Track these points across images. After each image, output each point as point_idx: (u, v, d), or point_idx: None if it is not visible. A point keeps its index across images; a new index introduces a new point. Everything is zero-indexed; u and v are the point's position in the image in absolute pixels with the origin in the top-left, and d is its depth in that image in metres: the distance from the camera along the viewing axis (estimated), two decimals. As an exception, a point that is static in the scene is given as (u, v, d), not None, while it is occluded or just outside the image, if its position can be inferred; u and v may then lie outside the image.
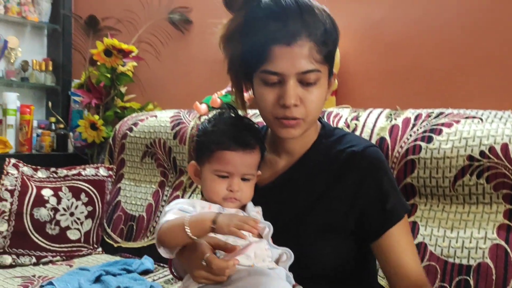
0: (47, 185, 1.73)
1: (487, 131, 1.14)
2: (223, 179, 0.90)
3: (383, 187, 0.92)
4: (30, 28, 2.78)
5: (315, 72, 0.88)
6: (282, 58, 0.87)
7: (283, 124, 0.91)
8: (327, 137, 0.99)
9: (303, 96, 0.89)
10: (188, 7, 2.30)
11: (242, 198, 0.91)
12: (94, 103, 2.27)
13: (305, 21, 0.87)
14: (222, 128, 0.92)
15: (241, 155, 0.89)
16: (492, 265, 1.04)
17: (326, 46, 0.88)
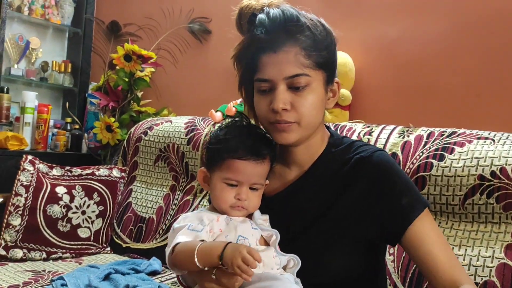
0: (61, 183, 1.77)
1: (498, 152, 1.16)
2: (232, 187, 0.90)
3: (395, 188, 0.92)
4: (52, 30, 2.85)
5: (303, 76, 0.90)
6: (270, 65, 0.91)
7: (277, 128, 0.93)
8: (336, 146, 1.00)
9: (293, 100, 0.91)
10: (208, 18, 2.35)
11: (249, 207, 0.92)
12: (111, 105, 2.32)
13: (289, 29, 0.91)
14: (235, 136, 0.92)
15: (252, 165, 0.90)
16: (499, 284, 1.05)
17: (315, 51, 0.91)
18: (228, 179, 0.90)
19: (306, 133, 0.94)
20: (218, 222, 0.89)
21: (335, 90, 0.98)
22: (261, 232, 0.92)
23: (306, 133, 0.94)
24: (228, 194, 0.90)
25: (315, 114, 0.93)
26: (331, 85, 0.97)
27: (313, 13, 0.96)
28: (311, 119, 0.93)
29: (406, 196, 0.91)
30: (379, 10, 1.80)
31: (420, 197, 0.94)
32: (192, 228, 0.87)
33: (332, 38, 0.96)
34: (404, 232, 0.89)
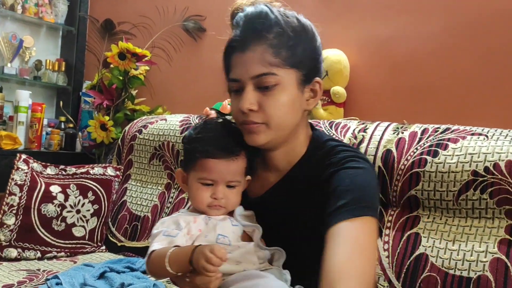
0: (56, 182, 1.76)
1: (492, 148, 1.16)
2: (208, 186, 0.90)
3: (343, 186, 0.86)
4: (46, 29, 2.84)
5: (269, 75, 0.87)
6: (238, 65, 0.90)
7: (246, 129, 0.91)
8: (318, 150, 0.96)
9: (261, 101, 0.88)
10: (202, 16, 2.35)
11: (227, 205, 0.91)
12: (105, 104, 2.31)
13: (256, 26, 0.88)
14: (206, 135, 0.92)
15: (224, 163, 0.89)
16: (492, 278, 1.05)
17: (285, 49, 0.87)
18: (203, 178, 0.90)
19: (278, 135, 0.91)
20: (195, 224, 0.89)
21: (316, 90, 0.94)
22: (243, 228, 0.93)
23: (278, 135, 0.91)
24: (204, 193, 0.90)
25: (286, 115, 0.90)
26: (308, 85, 0.93)
27: (308, 11, 0.95)
28: (281, 120, 0.90)
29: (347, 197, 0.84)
30: (374, 8, 1.81)
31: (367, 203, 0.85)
32: (167, 234, 0.87)
33: (310, 36, 0.92)
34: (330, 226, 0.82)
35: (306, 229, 0.92)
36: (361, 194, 0.86)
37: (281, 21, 0.89)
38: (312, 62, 0.92)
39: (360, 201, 0.85)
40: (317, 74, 0.94)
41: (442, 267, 1.12)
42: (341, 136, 1.40)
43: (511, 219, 1.11)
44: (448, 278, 1.10)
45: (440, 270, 1.12)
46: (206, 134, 0.92)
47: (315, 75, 0.93)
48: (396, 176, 1.26)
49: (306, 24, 0.93)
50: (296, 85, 0.90)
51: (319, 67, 0.95)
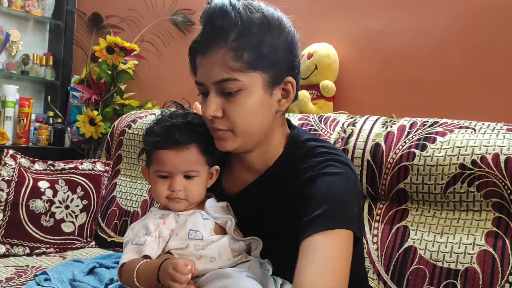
0: (44, 177, 1.75)
1: (479, 141, 1.17)
2: (165, 179, 0.89)
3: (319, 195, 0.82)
4: (33, 23, 2.80)
5: (231, 81, 0.82)
6: (201, 68, 0.86)
7: (214, 135, 0.89)
8: (295, 150, 0.93)
9: (225, 107, 0.84)
10: (191, 9, 2.33)
11: (188, 197, 0.89)
12: (94, 99, 2.29)
13: (215, 27, 0.83)
14: (158, 127, 0.90)
15: (174, 153, 0.87)
16: (480, 270, 1.07)
17: (248, 51, 0.82)
18: (158, 171, 0.89)
19: (246, 141, 0.88)
20: (165, 224, 0.87)
21: (288, 89, 0.89)
22: (215, 220, 0.91)
23: (246, 140, 0.88)
24: (161, 186, 0.89)
25: (252, 121, 0.86)
26: (278, 86, 0.87)
27: (297, 5, 0.90)
28: (246, 127, 0.86)
29: (322, 208, 0.80)
30: (364, 2, 1.81)
31: (342, 216, 0.81)
32: (135, 242, 0.86)
33: (278, 32, 0.85)
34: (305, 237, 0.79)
35: (280, 228, 0.90)
36: (336, 204, 0.82)
37: (243, 19, 0.82)
38: (281, 61, 0.86)
39: (335, 212, 0.81)
40: (289, 73, 0.88)
41: (430, 260, 1.13)
42: (330, 130, 1.41)
43: (498, 211, 1.12)
44: (436, 270, 1.11)
45: (428, 263, 1.13)
46: (158, 125, 0.91)
47: (286, 75, 0.88)
48: (385, 169, 1.26)
49: (274, 18, 0.85)
50: (262, 88, 0.85)
51: (292, 65, 0.89)
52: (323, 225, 0.79)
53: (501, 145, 1.14)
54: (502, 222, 1.10)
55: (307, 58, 1.80)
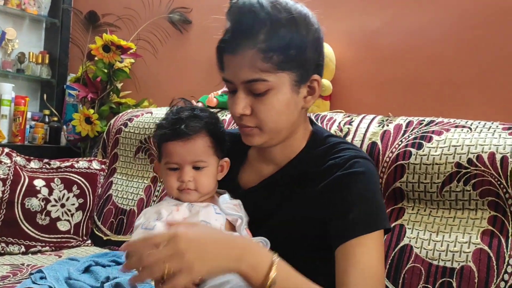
0: (40, 176, 1.74)
1: (475, 140, 1.17)
2: (174, 171, 0.91)
3: (347, 200, 0.85)
4: (29, 21, 2.80)
5: (260, 81, 0.84)
6: (229, 67, 0.87)
7: (241, 131, 0.91)
8: (317, 146, 0.95)
9: (253, 105, 0.86)
10: (188, 8, 2.33)
11: (198, 188, 0.91)
12: (90, 97, 2.29)
13: (244, 27, 0.84)
14: (165, 121, 0.94)
15: (180, 144, 0.89)
16: (475, 269, 1.07)
17: (276, 52, 0.83)
18: (167, 163, 0.91)
19: (272, 137, 0.90)
20: (178, 212, 0.89)
21: (314, 87, 0.91)
22: (226, 217, 0.91)
23: (272, 137, 0.90)
24: (171, 178, 0.91)
25: (279, 119, 0.88)
26: (305, 84, 0.89)
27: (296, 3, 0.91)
28: (274, 125, 0.88)
29: (355, 209, 0.84)
30: (361, 2, 1.81)
31: (374, 217, 0.85)
32: (145, 227, 0.86)
33: (305, 31, 0.87)
34: (340, 244, 0.83)
35: (295, 223, 0.91)
36: (368, 206, 0.86)
37: (272, 19, 0.83)
38: (308, 61, 0.88)
39: (369, 215, 0.85)
40: (315, 71, 0.90)
41: (426, 258, 1.14)
42: (327, 129, 1.41)
43: (493, 210, 1.12)
44: (432, 269, 1.11)
45: (424, 261, 1.13)
46: (166, 120, 0.94)
47: (312, 73, 0.90)
48: (381, 168, 1.26)
49: (301, 16, 0.87)
50: (289, 87, 0.87)
51: (318, 63, 0.91)
52: (359, 230, 0.83)
53: (497, 144, 1.14)
54: (498, 221, 1.11)
55: (303, 57, 1.80)
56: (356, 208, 0.84)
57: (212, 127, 0.93)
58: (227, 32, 0.88)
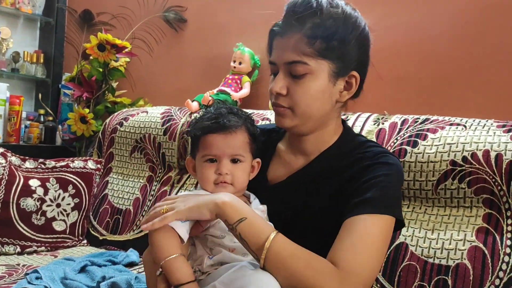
0: (35, 176, 1.73)
1: (470, 138, 1.18)
2: (212, 163, 0.91)
3: (371, 180, 0.88)
4: (23, 20, 2.78)
5: (300, 64, 0.89)
6: (276, 49, 0.94)
7: (275, 110, 0.95)
8: (347, 142, 0.98)
9: (290, 87, 0.91)
10: (183, 6, 2.32)
11: (234, 182, 0.91)
12: (85, 96, 2.28)
13: (295, 14, 0.90)
14: (206, 115, 0.95)
15: (223, 136, 0.91)
16: (470, 266, 1.07)
17: (320, 40, 0.88)
18: (205, 155, 0.91)
19: (304, 122, 0.93)
20: None
21: (352, 83, 0.94)
22: None
23: (302, 122, 0.93)
24: (209, 170, 0.91)
25: (312, 104, 0.91)
26: (343, 77, 0.93)
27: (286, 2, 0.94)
28: (306, 108, 0.91)
29: (373, 192, 0.86)
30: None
31: (390, 203, 0.87)
32: None
33: (352, 28, 0.91)
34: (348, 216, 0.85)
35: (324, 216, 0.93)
36: (388, 192, 0.88)
37: (323, 10, 0.89)
38: (349, 56, 0.92)
39: (386, 199, 0.87)
40: (356, 68, 0.94)
41: (421, 256, 1.14)
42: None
43: (488, 207, 1.13)
44: (428, 267, 1.12)
45: (420, 259, 1.14)
46: (206, 114, 0.96)
47: (352, 69, 0.93)
48: (376, 166, 1.26)
49: (350, 16, 0.92)
50: (327, 76, 0.91)
51: (360, 60, 0.95)
52: (371, 208, 0.85)
53: (491, 141, 1.14)
54: (493, 218, 1.11)
55: (299, 56, 1.80)
56: (375, 191, 0.87)
57: (250, 126, 0.95)
58: (280, 20, 0.95)
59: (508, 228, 1.09)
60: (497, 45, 1.50)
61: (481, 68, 1.52)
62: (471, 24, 1.55)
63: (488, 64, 1.52)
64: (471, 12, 1.55)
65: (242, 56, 1.97)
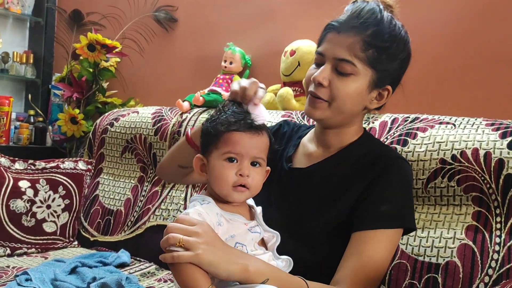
0: (25, 177, 1.72)
1: (459, 136, 1.19)
2: (232, 163, 0.85)
3: (385, 192, 0.93)
4: (12, 20, 2.76)
5: (349, 63, 0.94)
6: (329, 42, 0.98)
7: (309, 99, 0.98)
8: (367, 143, 1.03)
9: (332, 81, 0.95)
10: (174, 6, 2.31)
11: (252, 186, 0.85)
12: (75, 97, 2.26)
13: (360, 18, 0.95)
14: (229, 112, 0.89)
15: (250, 136, 0.86)
16: (460, 264, 1.08)
17: (373, 49, 0.94)
18: (228, 152, 0.85)
19: (334, 116, 0.98)
20: None
21: (383, 95, 1.01)
22: (263, 234, 0.89)
23: (334, 116, 0.98)
24: (229, 171, 0.84)
25: (348, 102, 0.96)
26: (378, 88, 0.99)
27: (279, 1, 0.96)
28: (342, 104, 0.96)
29: (389, 205, 0.92)
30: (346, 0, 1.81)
31: (402, 215, 0.94)
32: None
33: (401, 49, 0.98)
34: (358, 230, 0.92)
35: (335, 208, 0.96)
36: (403, 203, 0.95)
37: (384, 24, 0.96)
38: (391, 71, 0.99)
39: (400, 211, 0.94)
40: (391, 83, 1.00)
41: (412, 254, 1.15)
42: (313, 126, 1.41)
43: (478, 205, 1.13)
44: (418, 265, 1.12)
45: (410, 257, 1.14)
46: (228, 111, 0.89)
47: (388, 83, 1.00)
48: (367, 165, 1.27)
49: (404, 38, 1.00)
50: (367, 83, 0.96)
51: (397, 78, 1.01)
52: (383, 224, 0.91)
53: (480, 140, 1.15)
54: (482, 216, 1.12)
55: (289, 55, 1.80)
56: (390, 204, 0.93)
57: (269, 132, 0.91)
58: (341, 17, 0.99)
59: (497, 225, 1.09)
60: (486, 44, 1.51)
61: (470, 67, 1.53)
62: (460, 24, 1.56)
63: (477, 63, 1.53)
64: (461, 10, 1.56)
65: (233, 56, 1.97)
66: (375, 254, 0.89)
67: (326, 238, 0.96)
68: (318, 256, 0.96)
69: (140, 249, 1.61)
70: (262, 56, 2.01)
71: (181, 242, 0.75)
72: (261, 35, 2.02)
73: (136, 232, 1.66)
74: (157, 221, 1.64)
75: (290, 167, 1.06)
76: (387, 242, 0.91)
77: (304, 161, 1.06)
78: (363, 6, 0.98)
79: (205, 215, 0.82)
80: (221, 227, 0.83)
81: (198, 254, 0.74)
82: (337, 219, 0.95)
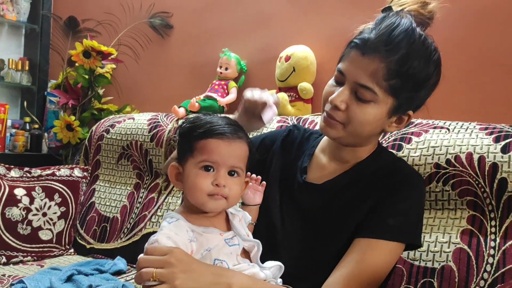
0: (20, 185, 1.72)
1: (453, 140, 1.19)
2: (208, 172, 0.80)
3: (397, 205, 0.91)
4: (8, 27, 2.76)
5: (369, 91, 0.87)
6: (350, 63, 0.90)
7: (324, 118, 0.94)
8: (382, 157, 1.00)
9: (350, 105, 0.89)
10: (169, 12, 2.32)
11: (229, 196, 0.81)
12: (71, 103, 2.26)
13: (390, 39, 0.86)
14: (205, 119, 0.84)
15: (227, 143, 0.81)
16: (455, 268, 1.08)
17: (397, 79, 0.86)
18: (204, 161, 0.80)
19: (348, 138, 0.93)
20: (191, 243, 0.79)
21: (404, 119, 0.95)
22: (243, 244, 0.85)
23: (348, 137, 0.93)
24: (204, 180, 0.80)
25: (365, 128, 0.91)
26: (399, 114, 0.93)
27: (275, 7, 0.93)
28: (357, 129, 0.91)
29: (398, 218, 0.90)
30: (340, 4, 1.82)
31: (408, 230, 0.91)
32: None
33: (430, 76, 0.90)
34: (362, 237, 0.90)
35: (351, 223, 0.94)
36: (412, 219, 0.93)
37: (414, 48, 0.87)
38: (415, 98, 0.92)
39: (407, 227, 0.91)
40: (413, 108, 0.95)
41: (407, 259, 1.15)
42: (308, 132, 1.41)
43: (472, 209, 1.14)
44: (414, 269, 1.13)
45: (406, 262, 1.14)
46: (204, 118, 0.85)
47: (410, 108, 0.94)
48: (362, 170, 1.27)
49: (435, 61, 0.91)
50: (387, 110, 0.91)
51: (420, 103, 0.95)
52: (387, 236, 0.89)
53: (474, 144, 1.16)
54: (477, 220, 1.13)
55: (284, 61, 1.80)
56: (400, 218, 0.90)
57: (249, 140, 0.87)
58: (368, 33, 0.90)
59: (492, 229, 1.10)
60: (480, 49, 1.52)
61: (464, 72, 1.54)
62: (454, 29, 1.57)
63: (471, 67, 1.54)
64: (456, 16, 1.57)
65: (229, 62, 1.98)
66: (374, 263, 0.87)
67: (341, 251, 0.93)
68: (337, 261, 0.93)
69: (136, 256, 1.58)
70: (258, 61, 2.02)
71: (155, 277, 0.71)
72: (256, 41, 2.02)
73: (133, 239, 1.66)
74: (154, 228, 1.63)
75: (304, 180, 1.01)
76: (388, 254, 0.89)
77: (318, 174, 1.01)
78: (394, 25, 0.88)
79: (174, 236, 0.77)
80: (194, 243, 0.78)
81: (175, 286, 0.70)
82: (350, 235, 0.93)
